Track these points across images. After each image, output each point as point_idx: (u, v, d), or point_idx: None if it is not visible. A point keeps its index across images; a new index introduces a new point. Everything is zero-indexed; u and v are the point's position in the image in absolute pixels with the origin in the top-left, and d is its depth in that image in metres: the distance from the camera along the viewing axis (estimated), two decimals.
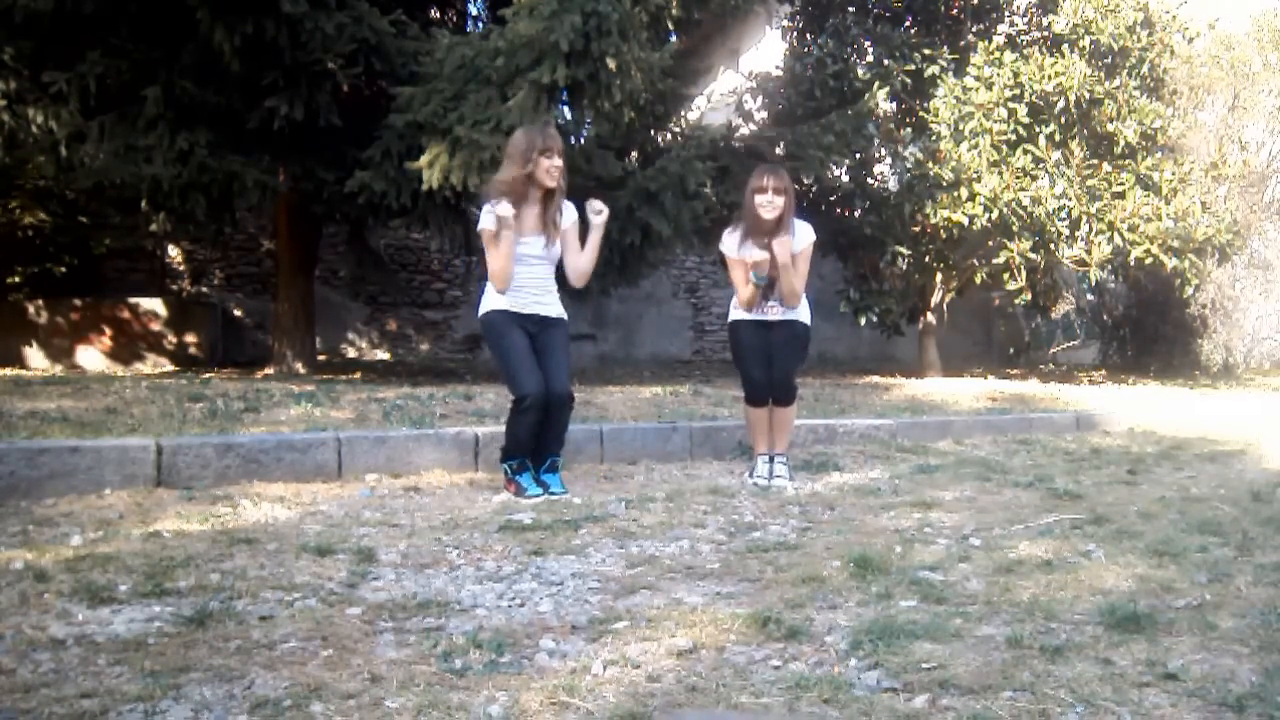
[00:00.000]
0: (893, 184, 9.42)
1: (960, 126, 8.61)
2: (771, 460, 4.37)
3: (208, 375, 7.03)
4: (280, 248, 7.99)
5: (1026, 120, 8.56)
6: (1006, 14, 9.83)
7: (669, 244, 7.08)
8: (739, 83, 9.76)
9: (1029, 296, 9.26)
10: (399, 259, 10.80)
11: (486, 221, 3.85)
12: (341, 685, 1.83)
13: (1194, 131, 9.58)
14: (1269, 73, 10.34)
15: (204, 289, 10.16)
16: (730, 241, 4.48)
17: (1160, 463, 5.10)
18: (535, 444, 3.94)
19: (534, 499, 3.71)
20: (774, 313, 4.45)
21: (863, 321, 9.27)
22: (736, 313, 4.54)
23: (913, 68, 8.98)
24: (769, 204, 4.29)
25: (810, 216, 4.57)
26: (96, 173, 6.33)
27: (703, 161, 6.89)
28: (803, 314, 4.51)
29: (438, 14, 8.19)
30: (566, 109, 6.44)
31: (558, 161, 3.89)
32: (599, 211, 4.02)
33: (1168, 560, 2.84)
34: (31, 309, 8.63)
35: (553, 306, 4.05)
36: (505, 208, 3.79)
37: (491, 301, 3.98)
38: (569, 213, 4.04)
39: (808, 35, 9.97)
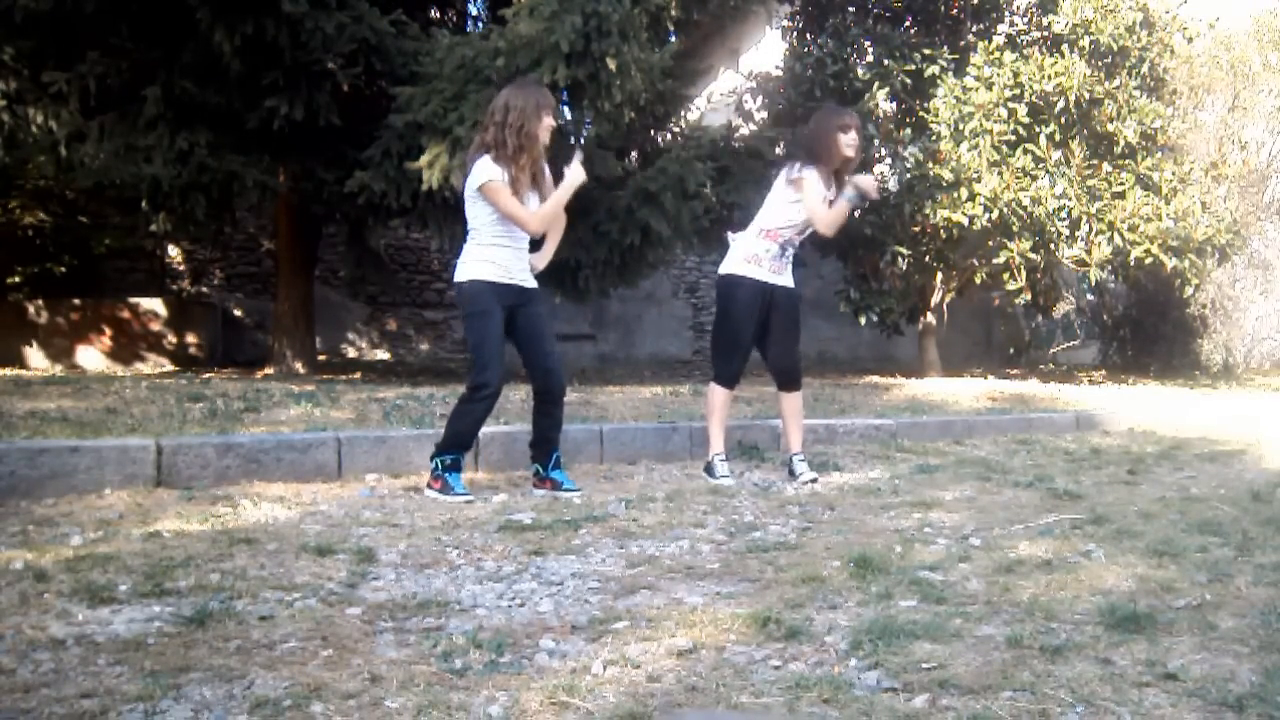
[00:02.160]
0: (893, 184, 9.42)
1: (960, 126, 8.61)
2: (791, 459, 4.38)
3: (208, 375, 7.03)
4: (280, 248, 7.99)
5: (1026, 120, 8.56)
6: (1006, 14, 9.83)
7: (669, 244, 7.09)
8: (739, 83, 9.76)
9: (1029, 296, 9.26)
10: (399, 259, 10.80)
11: (495, 174, 3.71)
12: (341, 685, 1.83)
13: (1194, 131, 9.58)
14: (1269, 73, 10.35)
15: (204, 289, 10.17)
16: (814, 175, 4.25)
17: (1160, 463, 5.10)
18: (480, 434, 3.89)
19: (462, 499, 3.62)
20: (780, 273, 4.36)
21: (863, 321, 9.27)
22: (743, 267, 4.32)
23: (913, 68, 8.98)
24: (853, 144, 4.28)
25: None
26: (96, 173, 6.33)
27: (702, 162, 6.90)
28: (791, 278, 4.44)
29: (438, 14, 8.19)
30: (566, 109, 6.44)
31: (554, 122, 3.85)
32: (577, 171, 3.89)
33: (1168, 560, 2.84)
34: (31, 309, 8.64)
35: (529, 274, 3.95)
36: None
37: (477, 269, 3.81)
38: (545, 169, 3.97)
39: (808, 35, 9.97)
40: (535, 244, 4.02)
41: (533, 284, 3.98)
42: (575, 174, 3.84)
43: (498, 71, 5.76)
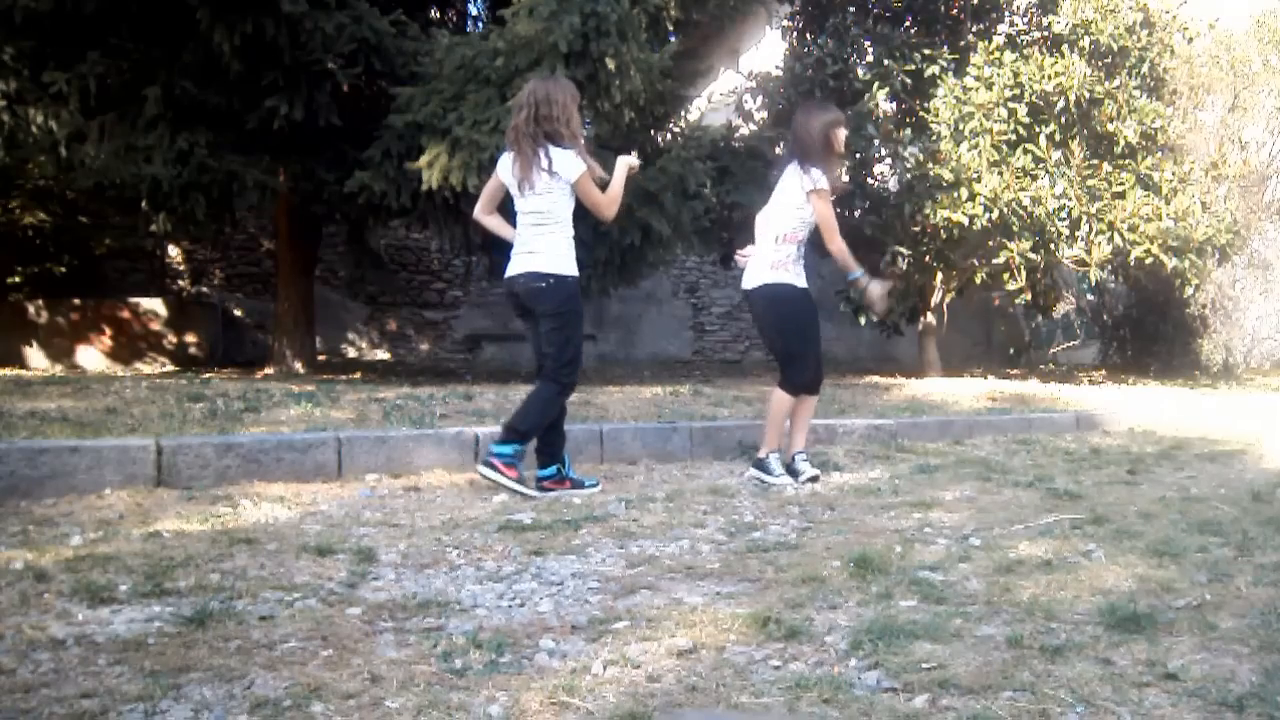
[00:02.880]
0: (893, 184, 9.41)
1: (960, 126, 8.60)
2: (794, 458, 4.37)
3: (208, 375, 7.03)
4: (280, 248, 7.99)
5: (1026, 120, 8.55)
6: (1006, 14, 9.83)
7: (669, 244, 7.08)
8: (739, 83, 9.75)
9: (1029, 296, 9.25)
10: (399, 259, 10.81)
11: (584, 164, 3.80)
12: (341, 685, 1.83)
13: (1194, 131, 9.58)
14: (1269, 73, 10.34)
15: (204, 289, 10.17)
16: (825, 179, 4.27)
17: (1160, 463, 5.10)
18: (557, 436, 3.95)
19: (535, 499, 3.71)
20: (801, 276, 4.39)
21: (863, 321, 9.26)
22: (772, 274, 4.33)
23: (913, 68, 8.98)
24: (843, 140, 4.32)
25: None
26: (96, 173, 6.33)
27: (703, 162, 6.89)
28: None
29: (438, 14, 8.20)
30: None
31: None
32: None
33: (1168, 560, 2.84)
34: (31, 309, 8.64)
35: None
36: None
37: (574, 265, 3.88)
38: None
39: (808, 35, 9.97)
40: None
41: None
42: (629, 160, 4.00)
43: (497, 72, 5.75)
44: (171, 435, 3.80)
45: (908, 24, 9.73)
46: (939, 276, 9.62)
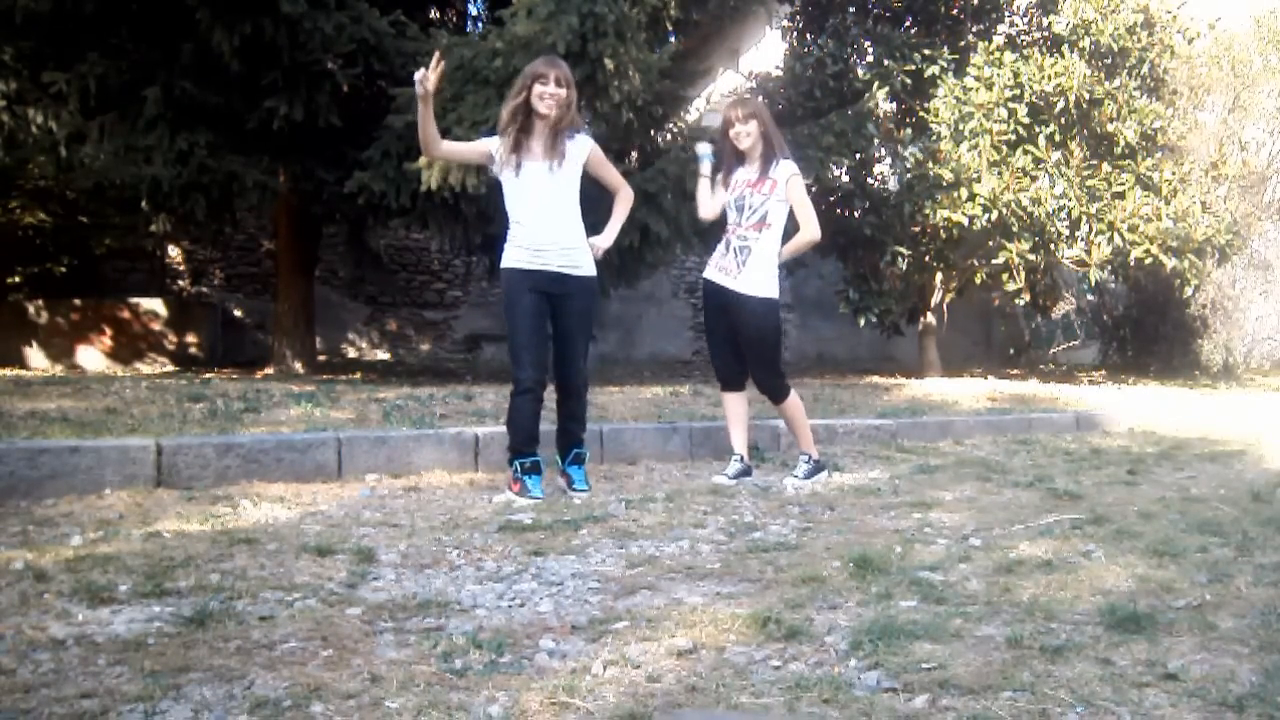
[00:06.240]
0: (893, 184, 9.42)
1: (960, 126, 8.61)
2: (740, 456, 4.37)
3: (208, 375, 7.03)
4: (280, 248, 7.99)
5: (1026, 120, 8.56)
6: (1006, 14, 9.84)
7: (668, 245, 7.08)
8: (739, 83, 9.76)
9: (1028, 296, 9.26)
10: (399, 259, 10.81)
11: (490, 141, 3.89)
12: (341, 685, 1.83)
13: (1194, 132, 9.59)
14: (1269, 73, 10.35)
15: (204, 289, 10.17)
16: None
17: (1160, 463, 5.10)
18: (535, 434, 3.85)
19: (535, 500, 3.68)
20: (730, 276, 4.20)
21: (862, 322, 9.26)
22: (707, 270, 4.37)
23: (913, 68, 8.98)
24: (743, 134, 4.22)
25: None
26: (96, 173, 6.34)
27: None
28: (759, 287, 4.18)
29: (437, 14, 8.20)
30: None
31: (553, 89, 3.75)
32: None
33: (1168, 560, 2.84)
34: (31, 309, 8.64)
35: (575, 256, 3.82)
36: (422, 74, 3.72)
37: (509, 254, 3.82)
38: (581, 141, 3.88)
39: (808, 35, 9.98)
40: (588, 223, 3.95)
41: (578, 269, 3.84)
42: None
43: (495, 72, 5.75)
44: (171, 435, 3.80)
45: (908, 24, 9.74)
46: (939, 276, 9.63)
